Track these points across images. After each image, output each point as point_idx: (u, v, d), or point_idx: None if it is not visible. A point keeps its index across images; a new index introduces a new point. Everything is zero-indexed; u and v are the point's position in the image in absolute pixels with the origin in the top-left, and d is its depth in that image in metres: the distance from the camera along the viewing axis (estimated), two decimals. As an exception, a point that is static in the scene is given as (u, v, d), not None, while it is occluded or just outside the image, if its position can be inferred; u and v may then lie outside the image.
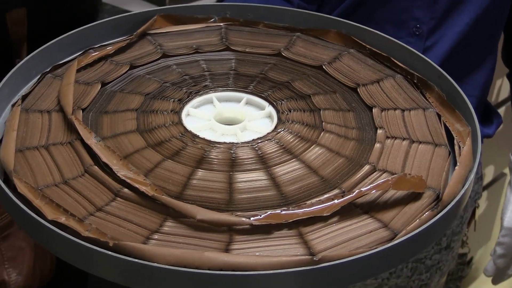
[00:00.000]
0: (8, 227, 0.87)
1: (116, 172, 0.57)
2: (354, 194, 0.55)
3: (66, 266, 0.54)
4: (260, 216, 0.53)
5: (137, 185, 0.55)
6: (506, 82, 1.64)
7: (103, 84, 0.69)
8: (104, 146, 0.59)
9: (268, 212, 0.54)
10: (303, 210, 0.54)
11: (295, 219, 0.54)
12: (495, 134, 1.06)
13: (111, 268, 0.51)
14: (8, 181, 0.57)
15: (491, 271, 1.08)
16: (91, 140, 0.59)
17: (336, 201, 0.55)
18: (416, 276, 1.05)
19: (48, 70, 0.71)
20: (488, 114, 1.07)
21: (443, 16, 0.93)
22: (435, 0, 0.92)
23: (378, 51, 0.75)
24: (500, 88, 1.67)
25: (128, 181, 0.56)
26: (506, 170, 1.88)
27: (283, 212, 0.54)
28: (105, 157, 0.58)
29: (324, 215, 0.54)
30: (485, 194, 1.79)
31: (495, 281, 1.11)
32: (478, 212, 1.12)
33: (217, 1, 0.90)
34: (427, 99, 0.70)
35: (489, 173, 1.79)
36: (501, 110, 1.70)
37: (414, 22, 0.93)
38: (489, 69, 1.00)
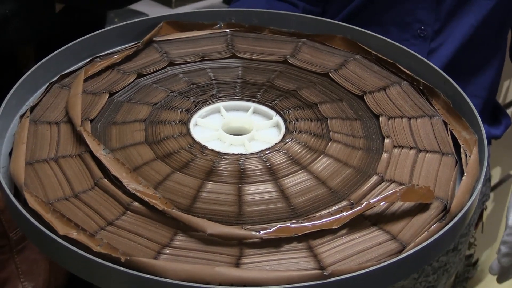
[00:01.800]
0: (22, 240, 0.87)
1: (126, 186, 0.57)
2: (362, 206, 0.56)
3: (81, 279, 0.54)
4: (270, 229, 0.54)
5: (147, 199, 0.56)
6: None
7: (111, 94, 0.69)
8: (114, 158, 0.59)
9: (278, 226, 0.54)
10: (312, 223, 0.55)
11: (304, 232, 0.54)
12: (502, 136, 1.07)
13: (123, 283, 0.51)
14: (18, 195, 0.57)
15: (496, 269, 1.08)
16: (100, 153, 0.60)
17: (345, 213, 0.55)
18: (423, 277, 1.05)
19: (55, 79, 0.71)
20: (496, 115, 1.07)
21: (448, 18, 0.93)
22: (439, 2, 0.92)
23: (383, 57, 0.76)
24: (508, 89, 1.67)
25: (138, 194, 0.56)
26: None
27: (293, 225, 0.54)
28: (114, 170, 0.58)
29: (333, 228, 0.55)
30: (492, 195, 1.79)
31: (500, 280, 1.11)
32: (485, 213, 1.12)
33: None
34: (433, 106, 0.70)
35: (495, 175, 1.78)
36: (509, 111, 1.69)
37: (418, 24, 0.93)
38: (496, 69, 1.01)
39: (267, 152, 0.63)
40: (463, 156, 0.63)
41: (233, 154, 0.62)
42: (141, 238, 0.54)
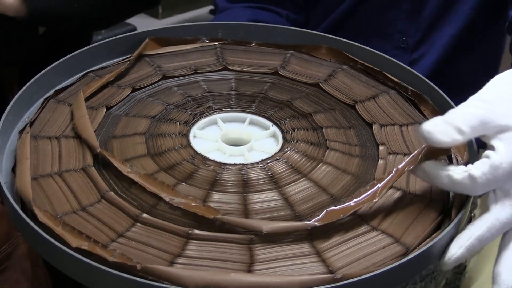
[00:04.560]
0: (5, 260, 0.87)
1: (167, 200, 0.58)
2: (393, 173, 0.58)
3: None
4: (319, 215, 0.57)
5: (193, 210, 0.57)
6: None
7: (108, 108, 0.70)
8: (143, 174, 0.60)
9: (324, 211, 0.57)
10: (353, 201, 0.57)
11: (351, 212, 0.57)
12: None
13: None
14: (25, 210, 0.57)
15: None
16: (128, 171, 0.60)
17: (379, 184, 0.58)
18: (410, 285, 1.07)
19: (50, 95, 0.71)
20: None
21: (428, 29, 0.95)
22: (419, 13, 0.94)
23: (370, 65, 0.78)
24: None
25: (182, 206, 0.57)
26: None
27: (338, 207, 0.57)
28: (150, 186, 0.59)
29: (375, 200, 0.58)
30: (478, 201, 1.81)
31: None
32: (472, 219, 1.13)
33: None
34: (422, 112, 0.72)
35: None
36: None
37: (399, 35, 0.95)
38: (488, 76, 1.02)
39: (268, 161, 0.64)
40: (454, 161, 0.66)
41: (235, 164, 0.64)
42: (153, 249, 0.55)
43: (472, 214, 1.11)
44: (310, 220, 0.56)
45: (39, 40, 0.97)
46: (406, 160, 0.59)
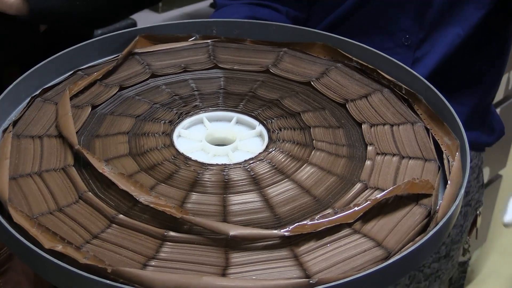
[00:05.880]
0: (6, 261, 0.87)
1: (137, 198, 0.57)
2: (371, 201, 0.57)
3: None
4: (289, 228, 0.55)
5: (161, 209, 0.56)
6: (501, 84, 1.65)
7: (93, 107, 0.69)
8: (118, 173, 0.59)
9: (295, 224, 0.55)
10: (327, 219, 0.56)
11: (321, 228, 0.55)
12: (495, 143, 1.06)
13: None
14: (2, 210, 0.57)
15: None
16: (103, 169, 0.59)
17: (356, 208, 0.57)
18: (414, 284, 1.05)
19: (37, 93, 0.71)
20: (490, 122, 1.06)
21: (432, 27, 0.92)
22: (422, 11, 0.92)
23: (365, 63, 0.76)
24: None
25: (152, 205, 0.56)
26: (502, 172, 1.89)
27: (310, 223, 0.55)
28: (122, 184, 0.58)
29: (349, 222, 0.56)
30: (482, 200, 1.79)
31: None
32: (479, 219, 1.12)
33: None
34: (415, 112, 0.70)
35: (484, 175, 1.78)
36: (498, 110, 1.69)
37: (402, 33, 0.93)
38: (491, 76, 1.00)
39: (251, 162, 0.63)
40: (445, 162, 0.64)
41: (217, 164, 0.63)
42: (127, 251, 0.54)
43: (478, 212, 1.09)
44: (282, 230, 0.55)
45: (40, 38, 0.97)
46: (386, 191, 0.58)
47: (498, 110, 1.68)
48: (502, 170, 1.89)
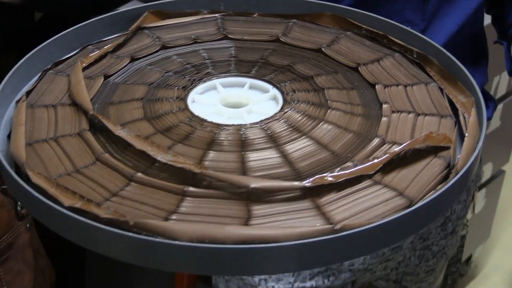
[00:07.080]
0: (6, 250, 0.86)
1: (154, 157, 0.56)
2: (390, 153, 0.57)
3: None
4: (310, 179, 0.54)
5: (180, 165, 0.55)
6: (503, 79, 1.65)
7: (106, 77, 0.69)
8: (134, 135, 0.59)
9: (316, 176, 0.54)
10: (348, 170, 0.55)
11: (341, 180, 0.55)
12: (493, 132, 1.07)
13: (132, 250, 0.50)
14: (20, 175, 0.56)
15: None
16: (119, 131, 0.59)
17: (376, 160, 0.56)
18: (423, 263, 1.05)
19: (48, 67, 0.70)
20: (485, 100, 1.07)
21: (433, 17, 0.94)
22: (425, 2, 0.93)
23: (374, 30, 0.76)
24: (497, 85, 1.67)
25: (170, 163, 0.56)
26: (505, 167, 1.88)
27: (330, 174, 0.55)
28: (139, 144, 0.58)
29: (370, 173, 0.56)
30: (483, 191, 1.79)
31: None
32: (477, 209, 1.12)
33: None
34: (428, 73, 0.70)
35: (487, 171, 1.78)
36: (499, 107, 1.69)
37: (406, 24, 0.93)
38: (483, 67, 1.01)
39: (267, 121, 0.63)
40: (461, 118, 0.64)
41: (233, 125, 0.62)
42: (147, 206, 0.53)
43: (476, 188, 1.09)
44: (303, 181, 0.54)
45: (35, 26, 0.97)
46: (405, 144, 0.58)
47: (500, 105, 1.69)
48: (505, 165, 1.89)
